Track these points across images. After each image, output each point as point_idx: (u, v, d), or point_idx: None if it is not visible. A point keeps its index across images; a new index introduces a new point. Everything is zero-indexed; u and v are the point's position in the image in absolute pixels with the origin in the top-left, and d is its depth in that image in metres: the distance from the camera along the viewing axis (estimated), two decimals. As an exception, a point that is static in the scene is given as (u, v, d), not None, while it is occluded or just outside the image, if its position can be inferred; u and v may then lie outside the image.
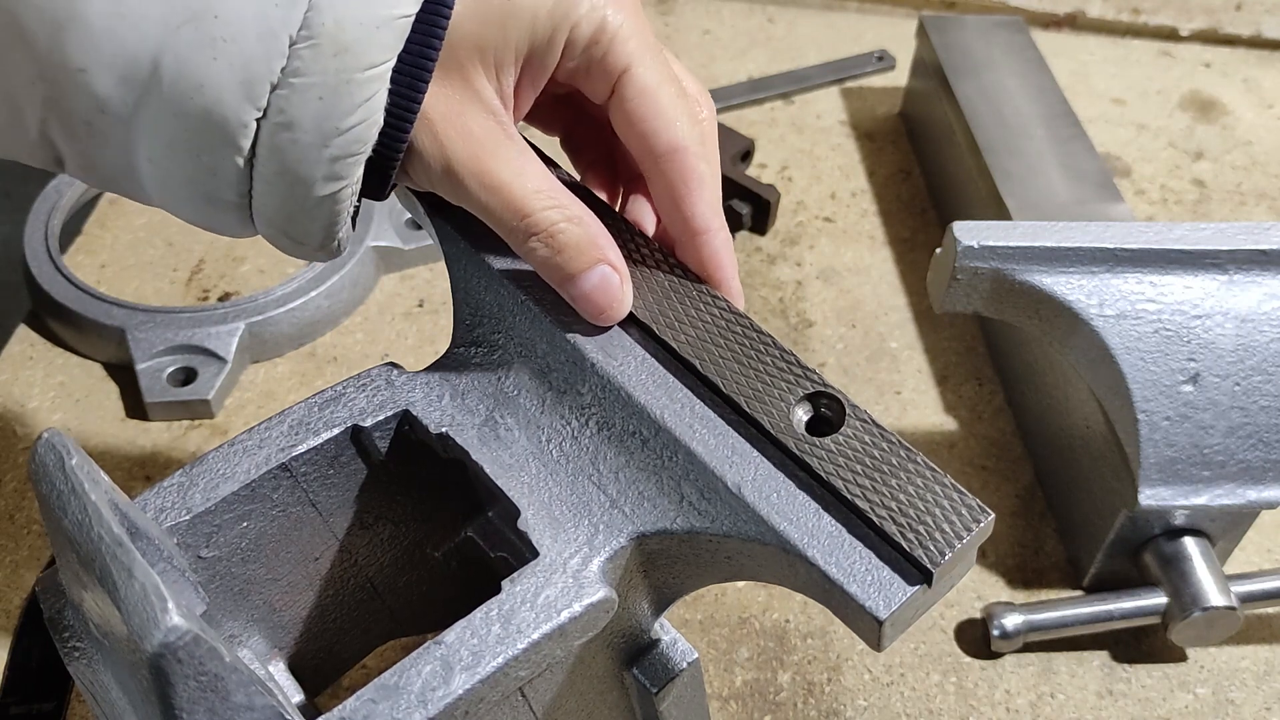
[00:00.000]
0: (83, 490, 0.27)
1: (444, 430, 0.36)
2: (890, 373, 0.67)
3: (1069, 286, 0.47)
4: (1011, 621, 0.51)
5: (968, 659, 0.52)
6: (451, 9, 0.31)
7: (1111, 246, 0.47)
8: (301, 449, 0.35)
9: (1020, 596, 0.55)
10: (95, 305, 0.65)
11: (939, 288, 0.49)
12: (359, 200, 0.33)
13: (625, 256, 0.36)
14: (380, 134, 0.31)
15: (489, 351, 0.38)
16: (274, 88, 0.29)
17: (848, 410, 0.33)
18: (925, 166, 0.83)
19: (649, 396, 0.34)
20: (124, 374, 0.64)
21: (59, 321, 0.66)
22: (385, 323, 0.69)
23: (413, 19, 0.30)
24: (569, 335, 0.35)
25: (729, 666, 0.52)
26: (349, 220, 0.33)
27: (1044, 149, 0.69)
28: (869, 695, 0.51)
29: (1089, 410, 0.53)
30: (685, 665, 0.36)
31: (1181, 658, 0.53)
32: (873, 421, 0.32)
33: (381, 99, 0.30)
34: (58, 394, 0.64)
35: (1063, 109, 0.73)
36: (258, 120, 0.29)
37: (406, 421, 0.37)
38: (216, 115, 0.29)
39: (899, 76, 0.91)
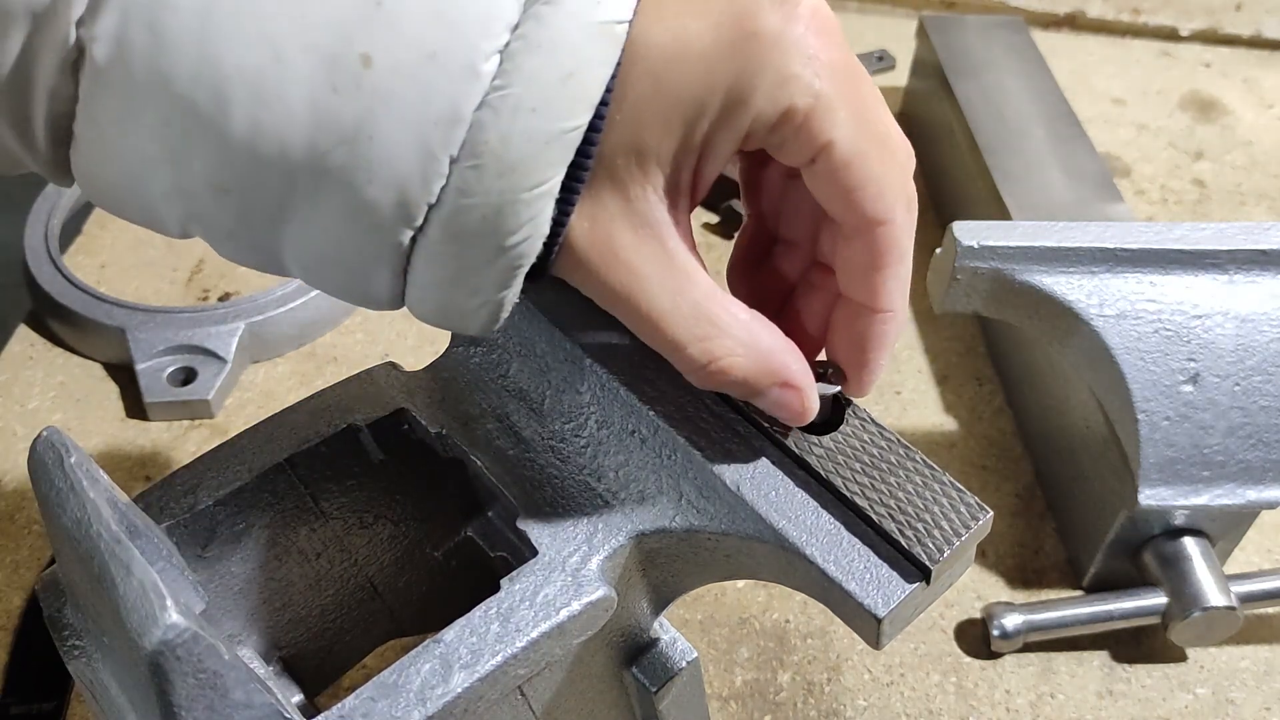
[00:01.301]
0: (81, 488, 0.27)
1: (443, 429, 0.36)
2: (890, 373, 0.67)
3: (1069, 286, 0.47)
4: (1011, 621, 0.51)
5: (968, 659, 0.52)
6: (606, 110, 0.28)
7: (1111, 246, 0.47)
8: (301, 448, 0.36)
9: (1020, 596, 0.55)
10: (95, 305, 0.65)
11: (939, 288, 0.49)
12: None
13: None
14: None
15: (488, 351, 0.38)
16: (432, 207, 0.27)
17: (846, 409, 0.33)
18: (925, 166, 0.83)
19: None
20: (124, 374, 0.65)
21: (59, 321, 0.66)
22: (385, 323, 0.69)
23: (584, 130, 0.27)
24: (568, 335, 0.35)
25: (729, 666, 0.52)
26: (510, 309, 0.31)
27: (1044, 149, 0.69)
28: (869, 695, 0.51)
29: (1089, 410, 0.53)
30: (684, 664, 0.36)
31: (1181, 658, 0.53)
32: (871, 420, 0.32)
33: (547, 214, 0.28)
34: (58, 394, 0.64)
35: (1063, 109, 0.73)
36: (413, 239, 0.28)
37: (406, 421, 0.37)
38: (370, 236, 0.27)
39: (899, 76, 0.91)
